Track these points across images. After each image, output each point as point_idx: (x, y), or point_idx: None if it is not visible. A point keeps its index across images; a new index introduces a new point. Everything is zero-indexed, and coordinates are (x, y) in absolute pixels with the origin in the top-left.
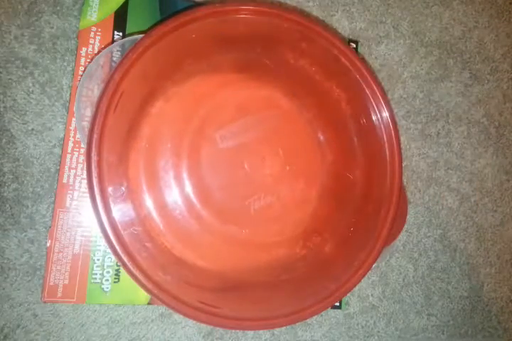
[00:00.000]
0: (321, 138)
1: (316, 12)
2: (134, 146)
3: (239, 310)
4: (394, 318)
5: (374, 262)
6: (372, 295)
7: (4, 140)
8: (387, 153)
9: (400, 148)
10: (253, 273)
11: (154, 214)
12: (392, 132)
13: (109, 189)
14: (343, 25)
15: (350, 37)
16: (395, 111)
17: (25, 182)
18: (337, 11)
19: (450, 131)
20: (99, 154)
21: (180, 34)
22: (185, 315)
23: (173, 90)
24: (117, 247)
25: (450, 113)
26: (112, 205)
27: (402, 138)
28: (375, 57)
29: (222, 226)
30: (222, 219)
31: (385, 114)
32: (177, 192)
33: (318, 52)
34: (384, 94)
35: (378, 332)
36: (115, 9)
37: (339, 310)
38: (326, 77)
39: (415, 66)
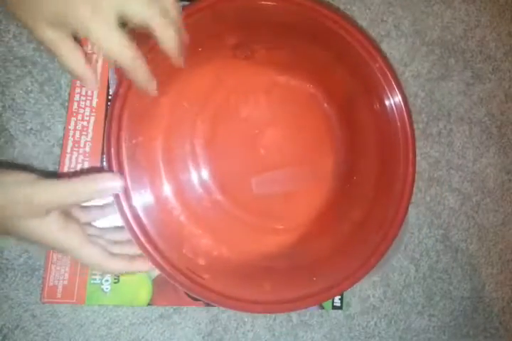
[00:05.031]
0: (337, 132)
1: None
2: (153, 125)
3: (226, 286)
4: (395, 319)
5: (382, 256)
6: (373, 295)
7: (3, 139)
8: (400, 138)
9: (413, 132)
10: (251, 255)
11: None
12: (405, 115)
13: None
14: None
15: None
16: None
17: None
18: (338, 10)
19: (452, 131)
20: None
21: (210, 13)
22: (167, 275)
23: (183, 78)
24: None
25: (452, 112)
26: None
27: None
28: None
29: (229, 205)
30: (229, 198)
31: (398, 97)
32: (191, 167)
33: (331, 39)
34: (396, 78)
35: (379, 333)
36: None
37: (340, 311)
38: (339, 63)
39: (416, 65)
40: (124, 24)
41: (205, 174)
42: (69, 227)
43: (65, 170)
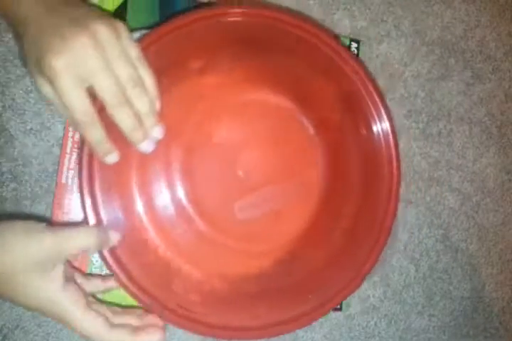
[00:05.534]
0: (317, 144)
1: (316, 11)
2: (126, 165)
3: (220, 317)
4: (395, 319)
5: (362, 281)
6: (373, 295)
7: (3, 139)
8: (385, 164)
9: (398, 162)
10: (241, 281)
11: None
12: (392, 143)
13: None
14: (344, 24)
15: (351, 36)
16: (396, 110)
17: (24, 182)
18: (338, 10)
19: (452, 131)
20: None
21: (172, 38)
22: (157, 314)
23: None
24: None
25: (452, 112)
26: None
27: (403, 138)
28: (376, 56)
29: (213, 233)
30: (213, 226)
31: (385, 124)
32: (168, 197)
33: (316, 57)
34: (385, 103)
35: (379, 333)
36: (115, 7)
37: (340, 312)
38: (325, 82)
39: (416, 65)
40: None
41: (186, 204)
42: (70, 288)
43: (65, 170)
